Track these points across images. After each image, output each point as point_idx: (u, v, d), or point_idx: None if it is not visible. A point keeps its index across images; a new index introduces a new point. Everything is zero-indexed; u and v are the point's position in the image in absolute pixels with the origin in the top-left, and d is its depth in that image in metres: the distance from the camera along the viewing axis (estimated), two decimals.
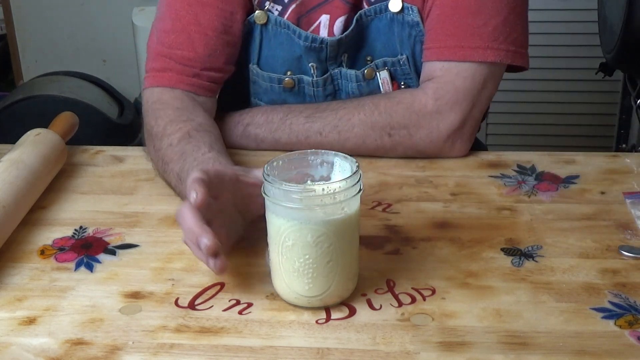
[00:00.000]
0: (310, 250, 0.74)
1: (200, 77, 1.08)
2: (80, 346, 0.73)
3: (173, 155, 0.98)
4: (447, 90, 1.04)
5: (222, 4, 1.08)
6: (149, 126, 1.06)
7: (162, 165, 1.00)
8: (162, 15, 1.11)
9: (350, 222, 0.75)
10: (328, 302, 0.77)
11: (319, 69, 1.12)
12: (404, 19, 1.08)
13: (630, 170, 1.04)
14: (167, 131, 1.01)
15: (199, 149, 0.96)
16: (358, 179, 0.74)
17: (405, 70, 1.11)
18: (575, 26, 2.38)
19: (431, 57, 1.06)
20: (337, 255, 0.75)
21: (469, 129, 1.07)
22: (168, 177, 0.98)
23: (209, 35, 1.08)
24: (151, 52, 1.11)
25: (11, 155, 0.97)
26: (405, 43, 1.10)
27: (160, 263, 0.86)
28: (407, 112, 1.05)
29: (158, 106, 1.06)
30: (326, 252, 0.74)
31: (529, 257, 0.85)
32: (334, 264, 0.75)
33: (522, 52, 1.07)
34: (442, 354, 0.70)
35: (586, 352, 0.70)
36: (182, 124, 1.01)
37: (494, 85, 1.07)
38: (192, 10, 1.08)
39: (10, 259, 0.87)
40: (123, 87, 2.49)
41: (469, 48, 1.04)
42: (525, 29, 1.08)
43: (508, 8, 1.04)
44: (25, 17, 2.68)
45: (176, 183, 0.96)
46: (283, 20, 1.10)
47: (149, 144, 1.05)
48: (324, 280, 0.75)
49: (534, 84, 2.47)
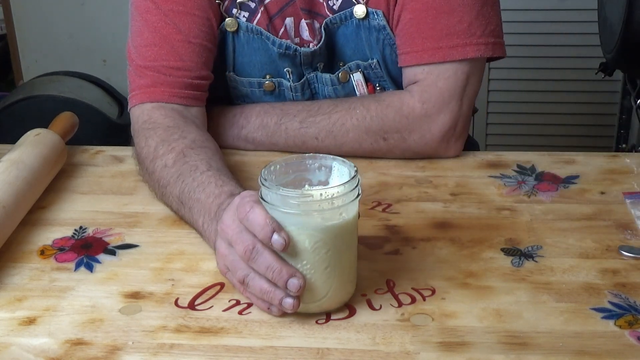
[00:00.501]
0: (308, 256, 0.73)
1: (191, 87, 1.06)
2: (80, 346, 0.73)
3: (169, 177, 0.94)
4: (431, 93, 1.04)
5: (199, 11, 1.06)
6: (138, 147, 1.02)
7: (160, 189, 0.96)
8: (139, 30, 1.08)
9: (348, 227, 0.74)
10: (325, 308, 0.76)
11: (294, 73, 1.11)
12: (369, 24, 1.08)
13: (630, 170, 1.04)
14: (159, 152, 0.98)
15: (197, 168, 0.93)
16: (356, 184, 0.74)
17: (378, 73, 1.11)
18: (575, 26, 2.38)
19: (410, 61, 1.06)
20: (335, 261, 0.74)
21: (461, 127, 1.07)
22: (167, 200, 0.95)
23: (193, 42, 1.06)
24: (134, 69, 1.07)
25: (11, 156, 0.97)
26: (374, 47, 1.10)
27: (160, 263, 0.86)
28: (398, 116, 1.05)
29: (148, 126, 1.03)
30: (324, 258, 0.73)
31: (528, 257, 0.85)
32: (331, 269, 0.74)
33: (499, 42, 1.07)
34: (442, 354, 0.70)
35: (586, 352, 0.70)
36: (175, 143, 0.98)
37: (477, 80, 1.07)
38: (170, 21, 1.06)
39: (10, 259, 0.87)
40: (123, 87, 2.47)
41: (447, 48, 1.03)
42: (499, 18, 1.08)
43: (480, 1, 1.04)
44: (25, 17, 2.68)
45: (178, 207, 0.92)
46: (254, 27, 1.09)
47: (141, 167, 1.02)
48: (321, 287, 0.75)
49: (534, 84, 2.47)
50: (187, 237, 0.90)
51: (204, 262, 0.85)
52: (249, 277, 0.75)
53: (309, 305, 0.75)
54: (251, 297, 0.77)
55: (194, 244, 0.89)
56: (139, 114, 1.05)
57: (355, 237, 0.77)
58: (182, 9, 1.06)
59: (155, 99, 1.05)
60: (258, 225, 0.72)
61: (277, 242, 0.72)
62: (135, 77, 1.07)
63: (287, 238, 0.72)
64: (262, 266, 0.73)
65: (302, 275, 0.73)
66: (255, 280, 0.75)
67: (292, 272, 0.73)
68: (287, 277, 0.72)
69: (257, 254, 0.73)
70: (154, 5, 1.07)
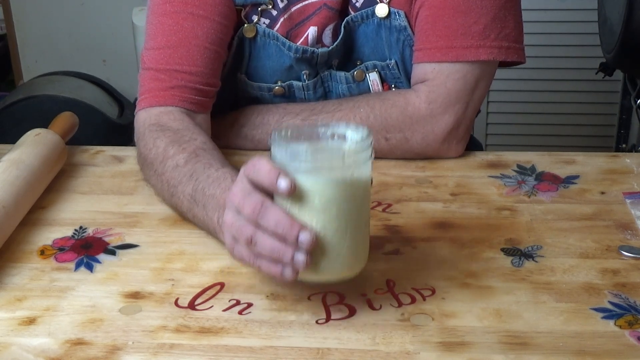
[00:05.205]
0: (317, 215, 0.71)
1: (200, 93, 1.04)
2: (80, 346, 0.73)
3: (181, 177, 0.91)
4: (439, 93, 1.04)
5: (218, 17, 1.05)
6: (145, 150, 0.99)
7: (169, 189, 0.93)
8: (153, 33, 1.06)
9: (359, 188, 0.72)
10: (336, 276, 0.74)
11: (310, 74, 1.11)
12: (391, 23, 1.08)
13: (630, 170, 1.04)
14: (169, 153, 0.95)
15: (211, 165, 0.90)
16: (369, 145, 0.72)
17: (395, 74, 1.11)
18: (575, 26, 2.39)
19: (422, 58, 1.05)
20: (346, 222, 0.72)
21: (464, 129, 1.07)
22: (177, 201, 0.92)
23: (208, 48, 1.04)
24: (147, 72, 1.05)
25: (11, 156, 0.97)
26: (394, 48, 1.09)
27: (160, 263, 0.86)
28: (402, 116, 1.05)
29: (156, 128, 1.00)
30: (334, 218, 0.71)
31: (529, 257, 0.85)
32: (342, 232, 0.72)
33: (515, 47, 1.06)
34: (442, 354, 0.70)
35: (586, 352, 0.70)
36: (186, 144, 0.95)
37: (486, 83, 1.07)
38: (187, 24, 1.04)
39: (10, 259, 0.87)
40: (123, 87, 2.49)
41: (460, 48, 1.03)
42: (519, 22, 1.07)
43: (499, 3, 1.03)
44: (25, 17, 2.68)
45: (189, 206, 0.89)
46: (272, 32, 1.08)
47: (147, 170, 0.99)
48: (332, 249, 0.72)
49: (534, 84, 2.47)
50: (187, 237, 0.90)
51: (204, 262, 0.85)
52: (257, 235, 0.71)
53: (319, 272, 0.73)
54: (262, 263, 0.72)
55: (194, 244, 0.89)
56: (146, 117, 1.03)
57: (367, 204, 0.75)
58: (201, 13, 1.04)
59: (165, 102, 1.03)
60: (264, 171, 0.70)
61: (282, 185, 0.69)
62: (146, 80, 1.05)
63: (293, 183, 0.69)
64: (272, 221, 0.70)
65: (313, 230, 0.70)
66: (265, 238, 0.71)
67: (302, 227, 0.70)
68: (297, 231, 0.69)
69: (266, 210, 0.70)
70: (172, 8, 1.05)
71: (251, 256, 0.73)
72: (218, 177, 0.87)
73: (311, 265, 0.71)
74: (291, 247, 0.70)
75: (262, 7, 1.08)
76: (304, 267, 0.70)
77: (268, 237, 0.71)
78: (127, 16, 2.43)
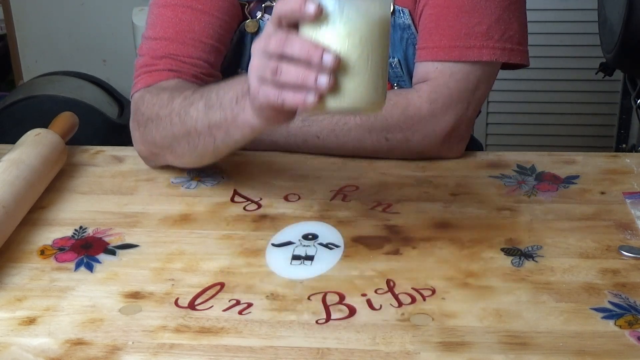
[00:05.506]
0: (342, 40, 0.72)
1: (196, 79, 1.05)
2: (80, 346, 0.73)
3: (193, 99, 0.92)
4: (441, 93, 1.04)
5: (217, 12, 1.06)
6: (145, 107, 1.00)
7: (181, 117, 0.93)
8: (152, 24, 1.08)
9: (381, 17, 0.74)
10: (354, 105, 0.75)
11: None
12: (395, 21, 1.07)
13: (630, 170, 1.04)
14: (174, 96, 0.96)
15: (219, 84, 0.91)
16: None
17: (397, 73, 1.11)
18: (575, 26, 2.38)
19: (425, 57, 1.05)
20: (367, 52, 0.73)
21: (464, 129, 1.06)
22: (191, 121, 0.92)
23: (205, 42, 1.06)
24: (142, 58, 1.06)
25: (11, 155, 0.97)
26: (397, 46, 1.09)
27: (160, 263, 0.86)
28: (402, 115, 1.04)
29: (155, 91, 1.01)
30: (357, 44, 0.73)
31: (529, 257, 0.85)
32: (363, 62, 0.73)
33: (519, 49, 1.06)
34: (442, 354, 0.70)
35: (586, 352, 0.70)
36: (188, 91, 0.96)
37: (488, 84, 1.07)
38: (186, 18, 1.05)
39: (10, 259, 0.87)
40: (123, 87, 2.49)
41: (463, 48, 1.03)
42: (523, 25, 1.07)
43: (503, 5, 1.03)
44: (25, 17, 2.68)
45: (205, 115, 0.89)
46: None
47: (153, 126, 0.99)
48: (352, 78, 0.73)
49: (534, 84, 2.47)
50: (187, 237, 0.90)
51: (204, 262, 0.85)
52: (282, 64, 0.73)
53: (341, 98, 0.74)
54: (286, 95, 0.74)
55: (194, 244, 0.89)
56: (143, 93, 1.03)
57: (387, 40, 0.76)
58: (201, 8, 1.06)
59: (160, 79, 1.04)
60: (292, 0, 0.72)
61: (310, 8, 0.71)
62: (141, 65, 1.06)
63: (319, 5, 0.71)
64: (297, 46, 0.72)
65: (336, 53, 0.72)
66: (290, 65, 0.73)
67: (325, 49, 0.72)
68: (321, 52, 0.71)
69: (291, 40, 0.73)
70: (172, 0, 1.06)
71: (276, 92, 0.75)
72: (229, 82, 0.89)
73: (333, 92, 0.73)
74: (315, 69, 0.72)
75: (266, 4, 1.09)
76: (327, 88, 0.72)
77: (293, 65, 0.73)
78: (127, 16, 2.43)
